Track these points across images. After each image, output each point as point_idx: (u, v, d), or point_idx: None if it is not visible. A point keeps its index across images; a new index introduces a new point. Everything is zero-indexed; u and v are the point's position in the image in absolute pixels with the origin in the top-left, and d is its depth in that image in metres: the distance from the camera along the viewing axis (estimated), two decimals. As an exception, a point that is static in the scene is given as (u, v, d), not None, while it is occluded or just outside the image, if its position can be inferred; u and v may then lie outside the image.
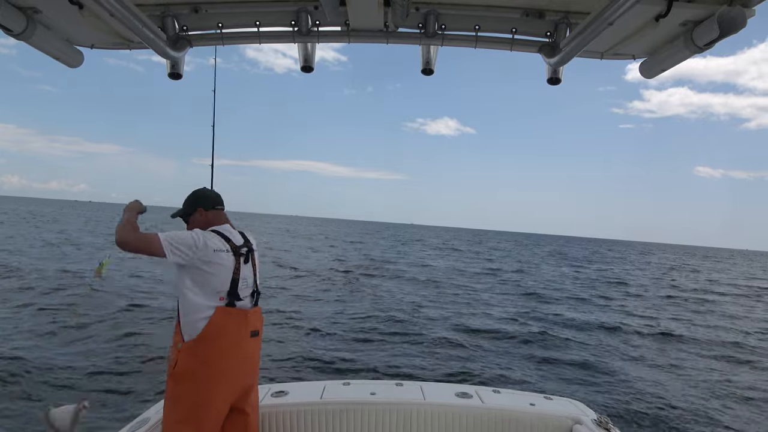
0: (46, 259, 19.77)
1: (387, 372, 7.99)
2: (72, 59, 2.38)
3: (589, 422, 2.76)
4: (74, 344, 8.50)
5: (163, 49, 2.31)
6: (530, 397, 3.10)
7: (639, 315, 14.50)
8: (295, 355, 8.71)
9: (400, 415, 2.88)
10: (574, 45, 2.18)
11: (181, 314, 2.41)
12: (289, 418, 2.87)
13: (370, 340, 9.92)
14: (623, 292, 21.11)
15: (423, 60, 2.55)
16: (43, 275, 15.30)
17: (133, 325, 9.91)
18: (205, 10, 2.32)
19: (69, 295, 12.55)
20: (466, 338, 10.28)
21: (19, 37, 2.01)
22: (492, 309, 13.94)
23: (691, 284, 27.87)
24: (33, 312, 10.31)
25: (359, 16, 2.22)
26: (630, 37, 2.27)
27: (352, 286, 17.92)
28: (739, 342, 11.71)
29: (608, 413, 2.95)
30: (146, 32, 2.11)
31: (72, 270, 16.73)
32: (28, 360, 7.42)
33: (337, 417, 2.88)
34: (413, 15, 2.29)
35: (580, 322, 12.69)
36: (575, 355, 9.31)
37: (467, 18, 2.33)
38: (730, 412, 6.85)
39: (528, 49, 2.44)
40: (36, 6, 2.00)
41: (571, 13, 2.30)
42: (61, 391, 6.49)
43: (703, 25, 1.98)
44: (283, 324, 11.00)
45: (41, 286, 13.50)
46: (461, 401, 2.95)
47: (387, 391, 3.08)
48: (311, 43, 2.48)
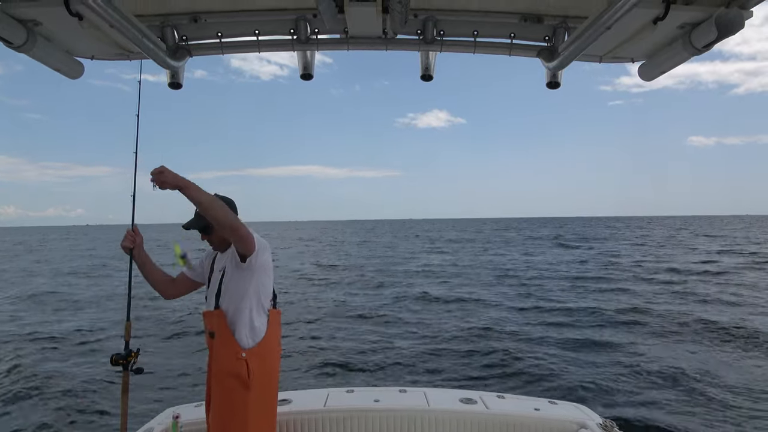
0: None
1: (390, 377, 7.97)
2: (72, 70, 2.39)
3: (594, 426, 2.74)
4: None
5: (163, 59, 2.32)
6: (535, 402, 3.09)
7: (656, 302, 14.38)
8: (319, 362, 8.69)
9: (404, 421, 2.86)
10: (573, 49, 2.19)
11: (238, 322, 2.44)
12: (293, 426, 2.86)
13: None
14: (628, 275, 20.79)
15: (422, 66, 2.56)
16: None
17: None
18: (205, 20, 2.33)
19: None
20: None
21: (20, 50, 2.02)
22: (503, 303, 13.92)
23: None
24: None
25: (358, 23, 2.23)
26: (628, 40, 2.27)
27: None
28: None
29: (613, 417, 2.92)
30: (146, 42, 2.12)
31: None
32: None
33: (341, 424, 2.86)
34: (412, 21, 2.30)
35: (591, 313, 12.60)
36: (579, 354, 9.28)
37: (466, 24, 2.35)
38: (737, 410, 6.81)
39: (527, 53, 2.45)
40: (36, 18, 2.01)
41: (569, 18, 2.31)
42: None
43: (701, 27, 1.99)
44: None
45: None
46: (466, 407, 2.93)
47: (391, 397, 3.06)
48: (310, 51, 2.49)
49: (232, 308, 2.46)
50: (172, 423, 2.65)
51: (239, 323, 2.45)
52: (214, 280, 2.57)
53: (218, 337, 2.46)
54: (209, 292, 2.59)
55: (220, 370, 2.44)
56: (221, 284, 2.49)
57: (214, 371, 2.47)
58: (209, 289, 2.60)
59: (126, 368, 2.44)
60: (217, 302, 2.48)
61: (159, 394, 7.08)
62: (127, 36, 2.00)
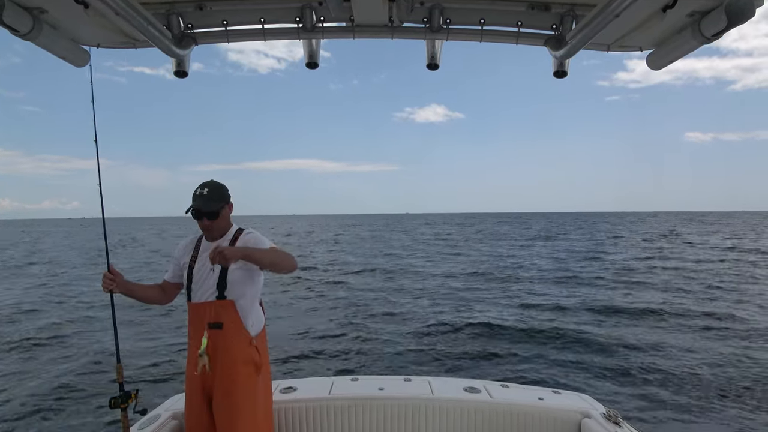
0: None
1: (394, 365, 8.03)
2: (78, 58, 2.39)
3: (598, 416, 2.75)
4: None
5: (169, 47, 2.31)
6: (539, 391, 3.10)
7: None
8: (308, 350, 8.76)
9: (408, 410, 2.88)
10: (581, 37, 2.16)
11: (246, 314, 2.54)
12: (298, 414, 2.89)
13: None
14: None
15: (428, 54, 2.54)
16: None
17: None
18: (210, 8, 2.32)
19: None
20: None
21: (26, 38, 2.02)
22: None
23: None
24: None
25: (364, 11, 2.22)
26: (637, 28, 2.24)
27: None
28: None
29: (618, 406, 2.93)
30: (151, 30, 2.12)
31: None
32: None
33: (346, 412, 2.89)
34: (418, 9, 2.29)
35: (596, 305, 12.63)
36: (589, 346, 9.29)
37: (472, 12, 2.32)
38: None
39: (534, 42, 2.43)
40: (42, 6, 2.01)
41: (577, 6, 2.28)
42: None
43: (710, 15, 1.95)
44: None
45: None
46: (470, 396, 2.95)
47: (395, 386, 3.09)
48: (316, 39, 2.48)
49: (241, 298, 2.50)
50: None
51: (248, 312, 2.53)
52: (205, 270, 2.52)
53: (228, 327, 2.47)
54: (203, 283, 2.54)
55: (232, 359, 2.46)
56: (225, 276, 2.48)
57: (223, 361, 2.46)
58: (202, 279, 2.54)
59: (126, 411, 2.45)
60: (222, 293, 2.48)
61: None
62: (133, 24, 2.00)
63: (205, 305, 2.51)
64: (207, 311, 2.50)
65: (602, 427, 2.64)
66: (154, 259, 29.21)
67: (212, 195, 2.53)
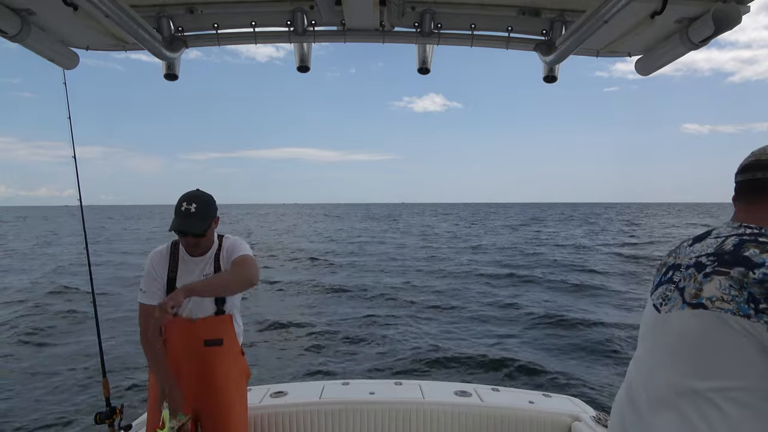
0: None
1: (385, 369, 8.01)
2: (67, 60, 2.37)
3: (588, 419, 2.77)
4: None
5: (159, 50, 2.30)
6: (529, 395, 3.11)
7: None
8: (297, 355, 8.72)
9: (399, 414, 2.88)
10: (570, 43, 2.19)
11: (237, 323, 2.52)
12: (288, 419, 2.88)
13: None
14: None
15: (419, 59, 2.55)
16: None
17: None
18: (201, 11, 2.31)
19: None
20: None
21: (14, 39, 2.00)
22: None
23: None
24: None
25: (355, 15, 2.22)
26: (626, 34, 2.28)
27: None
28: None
29: (608, 410, 2.95)
30: (141, 33, 2.10)
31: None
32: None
33: (337, 417, 2.88)
34: (409, 14, 2.29)
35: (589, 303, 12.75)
36: (580, 345, 9.35)
37: (463, 17, 2.34)
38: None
39: (524, 47, 2.45)
40: (30, 8, 1.99)
41: (567, 11, 2.31)
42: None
43: (698, 21, 1.99)
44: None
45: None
46: (460, 400, 2.95)
47: (386, 390, 3.08)
48: (307, 43, 2.48)
49: (234, 311, 2.49)
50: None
51: (237, 324, 2.52)
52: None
53: (227, 343, 2.43)
54: (194, 297, 2.29)
55: (226, 374, 2.42)
56: None
57: (220, 376, 2.40)
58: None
59: (112, 426, 2.42)
60: (221, 307, 2.42)
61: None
62: (122, 26, 1.98)
63: (201, 322, 2.38)
64: (203, 328, 2.38)
65: (592, 431, 2.66)
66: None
67: (200, 212, 2.27)
